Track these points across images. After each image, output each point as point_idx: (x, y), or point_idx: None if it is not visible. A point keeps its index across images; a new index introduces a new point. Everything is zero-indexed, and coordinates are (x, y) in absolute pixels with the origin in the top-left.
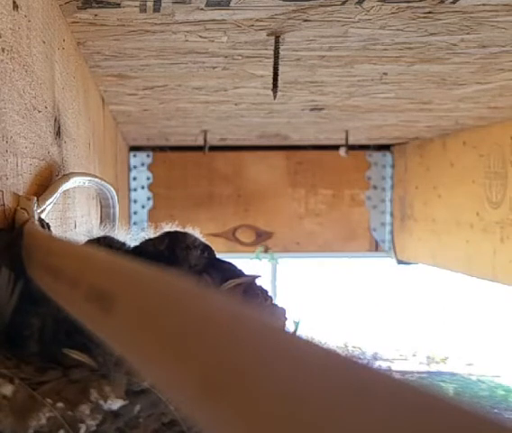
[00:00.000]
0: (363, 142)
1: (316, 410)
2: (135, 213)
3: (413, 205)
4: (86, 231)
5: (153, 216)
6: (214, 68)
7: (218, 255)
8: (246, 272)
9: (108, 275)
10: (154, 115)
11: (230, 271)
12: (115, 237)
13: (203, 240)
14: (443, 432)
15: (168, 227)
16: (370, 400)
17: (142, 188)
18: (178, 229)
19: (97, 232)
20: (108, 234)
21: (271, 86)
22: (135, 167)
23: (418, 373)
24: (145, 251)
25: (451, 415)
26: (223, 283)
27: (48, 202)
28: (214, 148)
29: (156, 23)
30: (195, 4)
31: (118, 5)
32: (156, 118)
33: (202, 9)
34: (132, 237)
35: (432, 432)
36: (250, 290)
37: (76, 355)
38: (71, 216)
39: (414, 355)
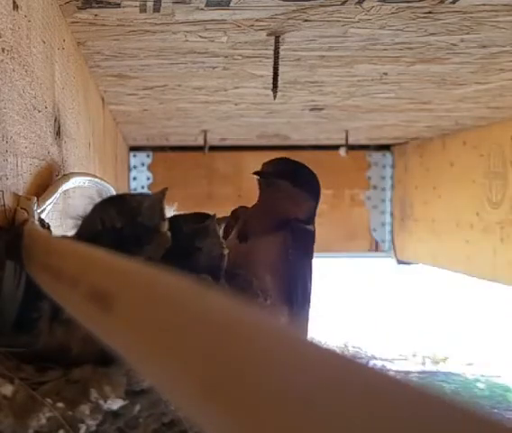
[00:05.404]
0: (363, 142)
1: (316, 411)
2: None
3: (413, 205)
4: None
5: None
6: (214, 68)
7: None
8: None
9: (108, 275)
10: (154, 115)
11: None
12: None
13: None
14: (444, 432)
15: None
16: (370, 400)
17: (142, 188)
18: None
19: None
20: None
21: (271, 86)
22: (135, 167)
23: (418, 372)
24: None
25: (451, 415)
26: None
27: (48, 202)
28: (214, 148)
29: (156, 23)
30: (195, 4)
31: (118, 5)
32: (156, 118)
33: (202, 9)
34: None
35: (432, 432)
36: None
37: None
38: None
39: (414, 355)
